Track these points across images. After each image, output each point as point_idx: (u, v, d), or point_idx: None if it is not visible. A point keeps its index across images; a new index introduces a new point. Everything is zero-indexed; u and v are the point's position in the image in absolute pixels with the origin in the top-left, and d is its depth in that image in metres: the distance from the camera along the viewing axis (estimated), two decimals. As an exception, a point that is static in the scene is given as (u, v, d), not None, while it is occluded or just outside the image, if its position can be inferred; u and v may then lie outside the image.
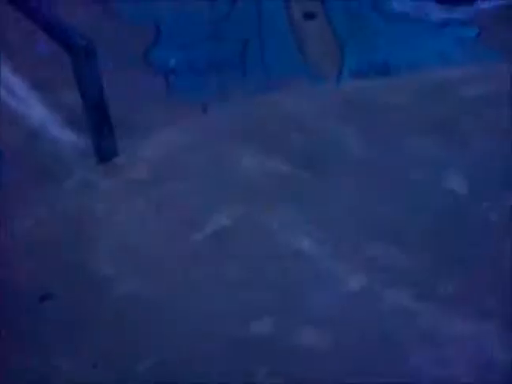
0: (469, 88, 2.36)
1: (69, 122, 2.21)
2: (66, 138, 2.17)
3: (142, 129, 2.15)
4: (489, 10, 3.00)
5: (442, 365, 1.28)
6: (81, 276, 1.46)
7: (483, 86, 2.38)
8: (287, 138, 2.05)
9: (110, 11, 2.81)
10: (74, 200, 1.79)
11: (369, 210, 1.72)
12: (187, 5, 2.85)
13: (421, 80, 2.46)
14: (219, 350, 1.28)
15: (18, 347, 1.29)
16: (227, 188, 1.80)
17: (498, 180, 1.81)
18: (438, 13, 2.93)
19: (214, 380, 1.22)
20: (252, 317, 1.35)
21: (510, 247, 1.54)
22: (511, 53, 2.69)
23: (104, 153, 1.96)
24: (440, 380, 1.25)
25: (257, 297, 1.41)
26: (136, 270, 1.48)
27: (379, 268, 1.51)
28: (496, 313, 1.38)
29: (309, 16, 2.88)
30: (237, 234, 1.59)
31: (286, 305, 1.40)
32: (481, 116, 2.18)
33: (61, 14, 2.33)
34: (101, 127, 1.93)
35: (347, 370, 1.25)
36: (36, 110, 2.29)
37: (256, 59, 2.64)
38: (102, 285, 1.43)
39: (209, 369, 1.24)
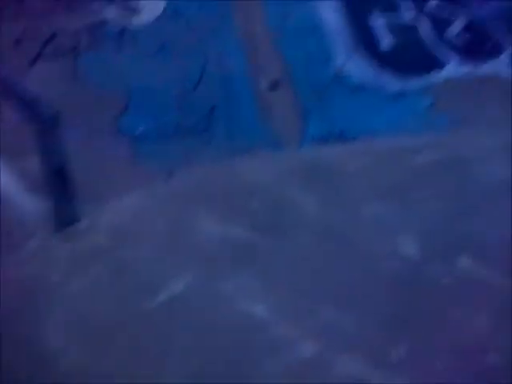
0: (423, 155, 2.48)
1: (33, 188, 2.24)
2: (29, 203, 2.20)
3: (106, 194, 2.20)
4: (442, 80, 3.22)
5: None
6: (28, 348, 1.44)
7: (437, 154, 2.51)
8: (248, 204, 2.11)
9: (81, 79, 2.93)
10: (30, 267, 1.79)
11: (325, 275, 1.76)
12: (157, 73, 3.00)
13: (377, 147, 2.59)
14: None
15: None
16: (186, 254, 1.82)
17: (451, 245, 1.88)
18: (394, 83, 3.14)
19: None
20: (202, 388, 1.35)
21: (461, 311, 1.58)
22: (464, 120, 2.88)
23: (65, 219, 1.99)
24: None
25: (208, 367, 1.41)
26: (85, 340, 1.47)
27: (332, 333, 1.53)
28: (448, 378, 1.39)
29: (274, 85, 3.06)
30: (191, 301, 1.60)
31: (237, 374, 1.39)
32: (434, 182, 2.28)
33: (30, 83, 2.44)
34: (62, 194, 1.97)
35: None
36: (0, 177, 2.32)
37: (222, 126, 2.76)
38: (48, 357, 1.41)
39: None
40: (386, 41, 3.43)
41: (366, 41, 3.40)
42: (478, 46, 3.52)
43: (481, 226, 1.99)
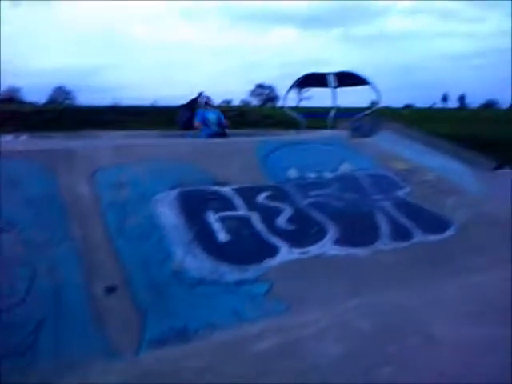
0: (262, 342, 2.56)
1: None
2: None
3: None
4: (276, 266, 3.50)
5: None
6: None
7: (275, 338, 2.62)
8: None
9: None
10: None
11: None
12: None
13: (217, 341, 2.63)
14: None
15: None
16: None
17: None
18: (231, 273, 3.32)
19: None
20: None
21: None
22: (299, 301, 3.08)
23: None
24: None
25: None
26: None
27: None
28: None
29: (109, 289, 3.01)
30: None
31: None
32: (273, 369, 2.32)
33: None
34: None
35: None
36: None
37: (50, 341, 2.56)
38: None
39: None
40: (221, 234, 3.73)
41: (202, 236, 3.66)
42: (304, 232, 3.99)
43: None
